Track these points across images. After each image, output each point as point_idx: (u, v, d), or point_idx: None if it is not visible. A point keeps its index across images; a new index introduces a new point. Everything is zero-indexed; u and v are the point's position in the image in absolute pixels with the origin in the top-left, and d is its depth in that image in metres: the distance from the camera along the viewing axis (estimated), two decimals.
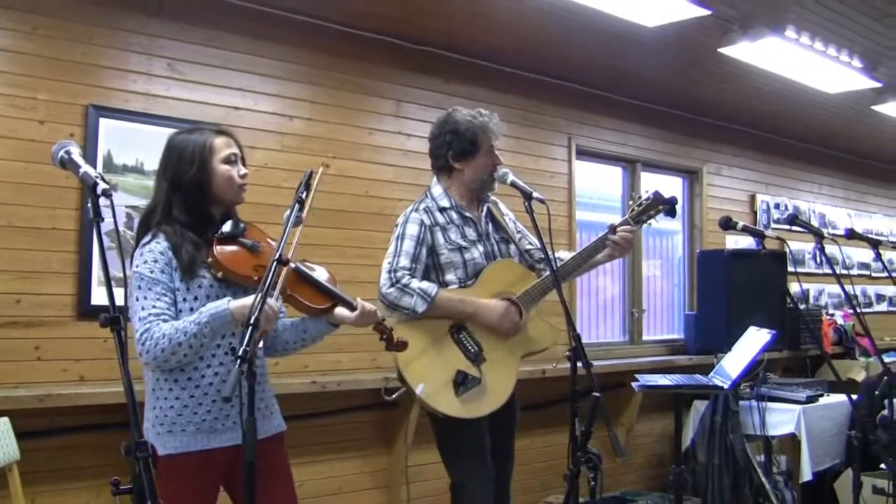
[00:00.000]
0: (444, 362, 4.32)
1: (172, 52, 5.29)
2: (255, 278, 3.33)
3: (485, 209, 4.60)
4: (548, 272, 4.41)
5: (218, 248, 3.32)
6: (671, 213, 4.65)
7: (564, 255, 4.60)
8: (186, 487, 3.20)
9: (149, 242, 3.29)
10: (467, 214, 4.52)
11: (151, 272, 3.21)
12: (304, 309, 3.48)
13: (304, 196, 3.27)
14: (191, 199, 3.37)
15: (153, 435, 3.32)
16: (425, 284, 4.29)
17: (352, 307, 3.50)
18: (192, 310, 3.26)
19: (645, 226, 4.57)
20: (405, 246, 4.37)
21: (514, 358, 4.44)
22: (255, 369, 2.84)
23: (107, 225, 2.58)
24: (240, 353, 2.73)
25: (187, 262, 3.28)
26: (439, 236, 4.42)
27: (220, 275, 3.32)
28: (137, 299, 3.22)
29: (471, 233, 4.49)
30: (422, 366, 4.29)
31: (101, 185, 2.48)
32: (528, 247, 4.62)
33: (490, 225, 4.60)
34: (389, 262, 4.36)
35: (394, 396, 4.37)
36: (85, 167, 2.59)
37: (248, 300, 3.17)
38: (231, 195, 3.45)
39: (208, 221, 3.41)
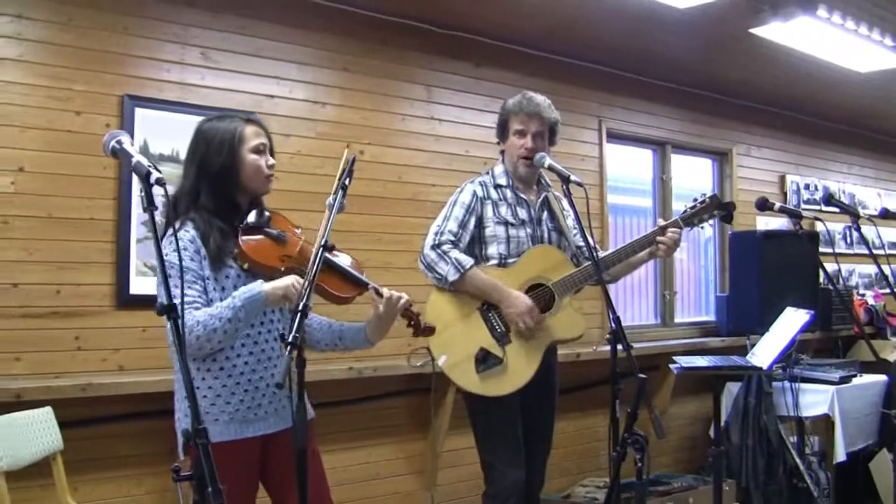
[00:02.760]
0: (469, 338, 4.38)
1: (205, 41, 5.31)
2: (282, 269, 3.35)
3: (542, 196, 4.65)
4: (588, 263, 4.42)
5: (243, 239, 3.33)
6: (727, 218, 4.61)
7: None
8: (224, 476, 3.19)
9: (178, 230, 3.29)
10: (522, 196, 4.59)
11: (181, 260, 3.23)
12: (331, 298, 3.47)
13: (347, 182, 3.28)
14: (218, 187, 3.38)
15: (186, 425, 3.34)
16: (463, 256, 4.37)
17: (378, 293, 3.51)
18: (220, 299, 3.28)
19: (698, 229, 4.57)
20: (455, 212, 4.48)
21: (541, 344, 4.46)
22: (305, 356, 2.86)
23: (144, 216, 2.57)
24: (289, 339, 2.75)
25: (215, 252, 3.30)
26: (489, 209, 4.51)
27: (246, 266, 3.33)
28: (175, 286, 3.19)
29: (523, 213, 4.56)
30: (447, 338, 4.34)
31: (155, 174, 2.50)
32: (581, 244, 4.63)
33: (545, 213, 4.65)
34: (438, 225, 4.46)
35: (418, 364, 4.40)
36: (137, 156, 2.60)
37: (281, 282, 3.21)
38: (258, 185, 3.47)
39: (235, 209, 3.42)
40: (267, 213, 3.46)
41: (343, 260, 3.56)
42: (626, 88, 7.82)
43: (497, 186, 4.58)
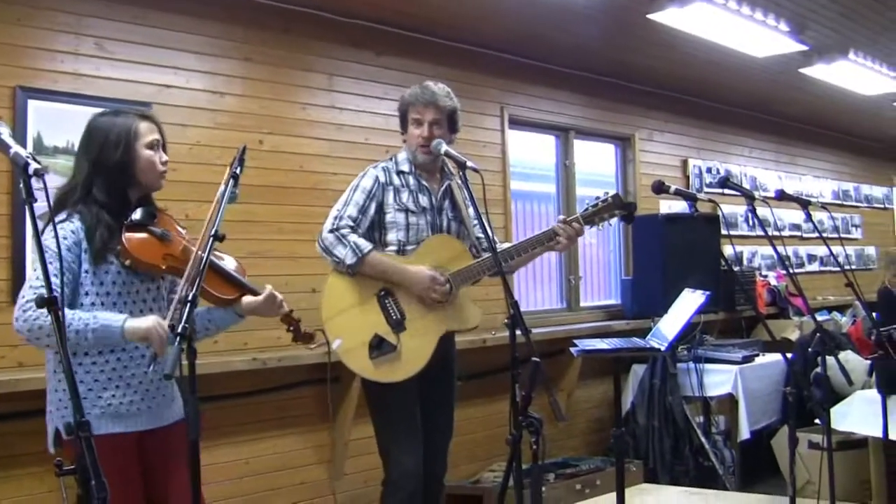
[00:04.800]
0: (364, 323, 4.40)
1: (100, 31, 5.21)
2: (163, 267, 3.36)
3: (445, 185, 4.66)
4: (486, 255, 4.46)
5: (127, 236, 3.33)
6: (627, 219, 4.67)
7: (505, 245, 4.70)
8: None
9: (63, 221, 3.30)
10: (424, 184, 4.60)
11: (57, 247, 3.20)
12: (212, 299, 3.51)
13: (238, 172, 3.28)
14: (112, 182, 3.39)
15: (57, 418, 3.31)
16: (361, 241, 4.38)
17: (258, 296, 3.55)
18: (97, 294, 3.29)
19: (597, 228, 4.60)
20: (356, 197, 4.48)
21: (435, 332, 4.47)
22: (195, 347, 2.85)
23: (39, 208, 2.53)
24: (179, 329, 2.75)
25: (99, 246, 3.30)
26: (390, 195, 4.52)
27: (128, 263, 3.33)
28: (35, 269, 3.24)
29: (424, 200, 4.57)
30: (343, 322, 4.37)
31: (33, 166, 2.45)
32: (480, 235, 4.65)
33: (447, 202, 4.66)
34: (338, 210, 4.46)
35: (312, 347, 4.42)
36: (16, 148, 2.55)
37: (144, 322, 3.16)
38: (152, 181, 3.48)
39: (125, 205, 3.42)
40: (153, 212, 3.46)
41: (227, 263, 3.59)
42: (528, 75, 7.87)
43: (400, 173, 4.58)
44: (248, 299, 3.59)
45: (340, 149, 6.31)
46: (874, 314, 6.02)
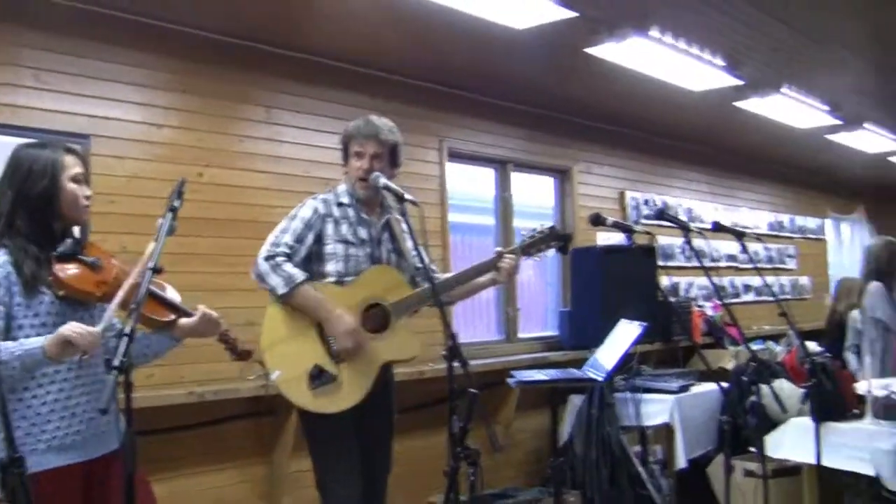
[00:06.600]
0: (304, 353, 4.39)
1: (38, 62, 5.18)
2: (98, 294, 3.35)
3: (384, 218, 4.68)
4: (426, 284, 4.48)
5: (58, 267, 3.31)
6: (563, 249, 4.75)
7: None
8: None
9: None
10: (364, 216, 4.60)
11: None
12: (150, 323, 3.52)
13: (177, 205, 3.28)
14: (36, 214, 3.37)
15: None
16: (295, 271, 4.36)
17: (198, 316, 3.59)
18: (31, 326, 3.25)
19: (534, 259, 4.67)
20: (294, 225, 4.49)
21: (376, 363, 4.48)
22: (132, 381, 2.83)
23: None
24: (115, 363, 2.74)
25: (29, 279, 3.27)
26: (329, 226, 4.52)
27: (61, 293, 3.31)
28: None
29: (363, 232, 4.58)
30: (282, 353, 4.37)
31: None
32: (420, 265, 4.64)
33: (386, 234, 4.68)
34: (275, 236, 4.46)
35: (251, 378, 4.39)
36: None
37: (62, 330, 3.10)
38: (76, 214, 3.47)
39: (50, 236, 3.39)
40: (80, 242, 3.46)
41: (168, 292, 3.63)
42: (467, 108, 7.91)
43: (339, 205, 4.59)
44: (183, 321, 3.60)
45: (280, 181, 6.31)
46: (824, 343, 6.10)
